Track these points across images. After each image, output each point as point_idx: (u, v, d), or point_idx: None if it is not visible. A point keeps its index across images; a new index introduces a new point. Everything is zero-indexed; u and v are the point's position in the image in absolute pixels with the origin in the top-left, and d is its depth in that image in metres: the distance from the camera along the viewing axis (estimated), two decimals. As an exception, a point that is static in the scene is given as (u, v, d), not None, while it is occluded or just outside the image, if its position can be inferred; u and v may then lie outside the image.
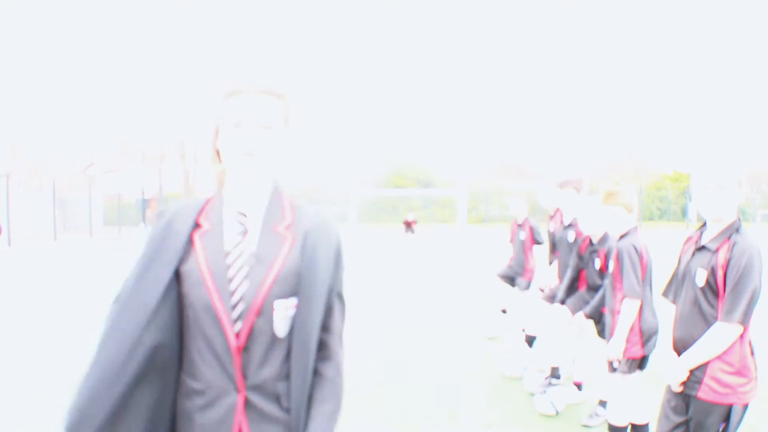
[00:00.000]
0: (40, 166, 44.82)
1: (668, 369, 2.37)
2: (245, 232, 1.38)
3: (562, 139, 67.60)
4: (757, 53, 65.68)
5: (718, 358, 2.25)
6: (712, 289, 2.28)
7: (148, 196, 36.64)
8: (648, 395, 4.33)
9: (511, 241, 6.48)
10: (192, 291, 1.34)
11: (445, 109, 76.32)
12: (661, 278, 2.93)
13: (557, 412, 4.11)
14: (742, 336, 2.25)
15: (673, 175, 38.44)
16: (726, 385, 2.24)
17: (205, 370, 1.35)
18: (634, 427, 3.32)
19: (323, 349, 1.45)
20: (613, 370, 3.25)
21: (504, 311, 6.86)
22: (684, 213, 33.99)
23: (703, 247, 2.34)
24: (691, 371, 2.30)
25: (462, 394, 4.60)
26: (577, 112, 71.29)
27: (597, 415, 3.98)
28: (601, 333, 4.06)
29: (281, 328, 1.37)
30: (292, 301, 1.37)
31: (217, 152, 1.44)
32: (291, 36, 76.64)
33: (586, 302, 4.20)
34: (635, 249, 3.18)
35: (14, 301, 9.12)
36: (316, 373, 1.43)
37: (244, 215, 1.40)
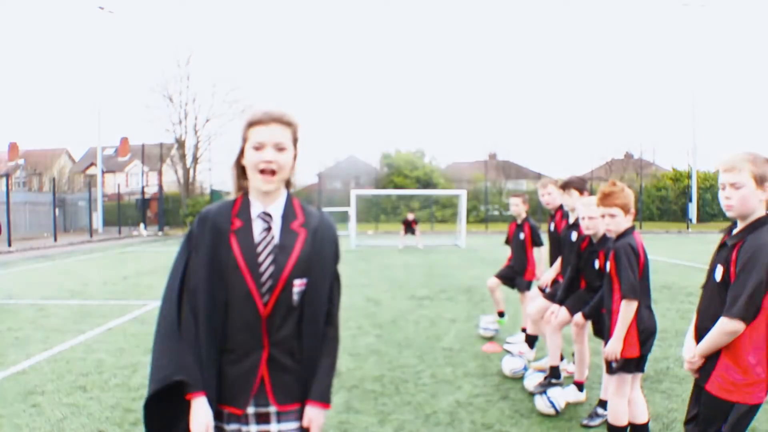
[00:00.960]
0: (40, 166, 44.73)
1: (684, 353, 2.45)
2: (269, 229, 1.79)
3: (562, 139, 67.53)
4: (757, 53, 65.60)
5: (726, 354, 2.27)
6: (726, 284, 2.29)
7: (148, 196, 36.61)
8: (648, 395, 4.33)
9: (508, 241, 6.47)
10: (230, 274, 1.74)
11: (446, 109, 76.25)
12: (659, 278, 2.94)
13: (557, 412, 4.11)
14: (750, 334, 2.23)
15: (673, 174, 38.35)
16: (730, 382, 2.25)
17: (237, 333, 1.76)
18: (633, 427, 3.32)
19: (327, 316, 1.86)
20: (612, 370, 3.25)
21: (502, 312, 6.86)
22: (684, 213, 33.93)
23: (725, 244, 2.36)
24: (705, 362, 2.34)
25: (462, 394, 4.59)
26: (578, 112, 71.22)
27: (597, 415, 3.98)
28: (599, 333, 4.05)
29: (295, 300, 1.79)
30: (303, 280, 1.79)
31: (242, 168, 1.82)
32: (291, 36, 76.50)
33: (586, 302, 4.19)
34: (632, 249, 3.18)
35: (14, 302, 9.11)
36: (322, 335, 1.84)
37: (269, 215, 1.80)
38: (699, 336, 2.40)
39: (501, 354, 5.61)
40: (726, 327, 2.23)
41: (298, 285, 1.78)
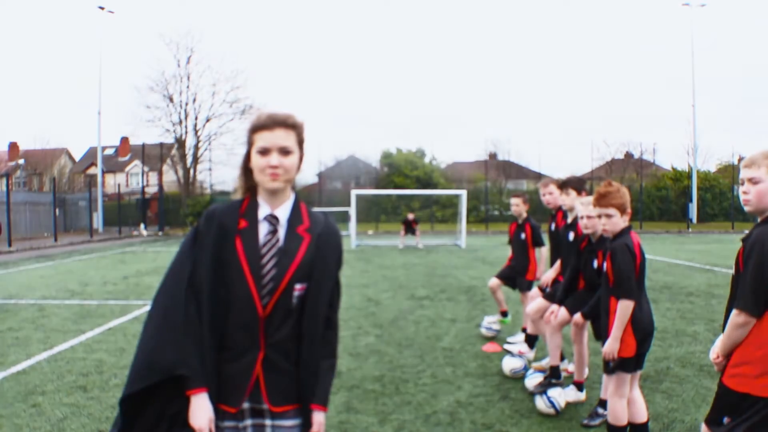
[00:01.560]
0: (40, 166, 44.72)
1: (711, 354, 2.47)
2: (275, 232, 1.81)
3: (562, 139, 67.56)
4: (757, 53, 65.57)
5: (740, 347, 2.28)
6: (739, 278, 2.31)
7: (148, 196, 36.60)
8: (648, 395, 4.33)
9: (510, 242, 6.47)
10: (233, 274, 1.76)
11: (446, 108, 76.28)
12: (659, 278, 2.94)
13: (557, 412, 4.11)
14: (761, 326, 2.22)
15: (673, 174, 38.30)
16: (742, 375, 2.25)
17: (235, 332, 1.77)
18: (633, 426, 3.33)
19: (326, 320, 1.88)
20: (609, 369, 3.25)
21: (505, 312, 6.87)
22: (684, 213, 33.92)
23: (742, 241, 2.38)
24: (725, 357, 2.35)
25: (462, 394, 4.60)
26: (578, 112, 71.25)
27: (597, 414, 3.98)
28: (598, 333, 4.05)
29: (294, 303, 1.81)
30: (303, 285, 1.81)
31: (249, 170, 1.84)
32: (291, 35, 76.51)
33: (585, 302, 4.20)
34: (628, 249, 3.18)
35: (14, 302, 9.11)
36: (322, 338, 1.85)
37: (275, 218, 1.82)
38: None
39: (501, 354, 5.61)
40: (735, 320, 2.26)
41: (298, 289, 1.80)
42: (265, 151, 1.77)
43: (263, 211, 1.82)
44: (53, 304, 8.84)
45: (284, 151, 1.77)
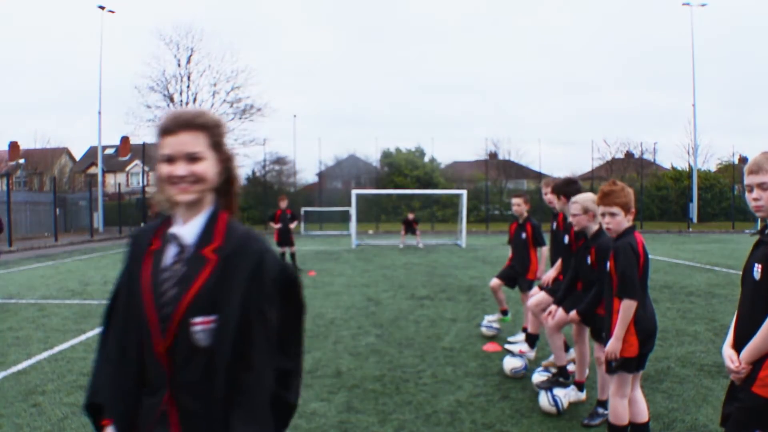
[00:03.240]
0: (41, 166, 44.72)
1: (728, 363, 2.30)
2: (182, 252, 1.54)
3: (562, 139, 67.51)
4: (758, 52, 65.52)
5: None
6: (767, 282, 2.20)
7: (148, 195, 36.60)
8: (648, 395, 4.33)
9: (510, 241, 6.48)
10: (136, 302, 1.54)
11: (446, 108, 76.22)
12: (659, 278, 2.94)
13: (559, 412, 4.11)
14: None
15: (673, 174, 38.29)
16: None
17: (148, 366, 1.54)
18: (634, 426, 3.33)
19: (243, 360, 1.50)
20: (612, 369, 3.25)
21: (505, 310, 6.87)
22: (685, 213, 33.92)
23: (760, 242, 2.29)
24: (753, 366, 2.20)
25: (462, 394, 4.60)
26: (578, 112, 71.20)
27: (598, 414, 3.98)
28: (595, 334, 4.03)
29: (200, 340, 1.48)
30: (211, 317, 1.48)
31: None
32: (291, 34, 76.49)
33: (582, 301, 4.19)
34: (632, 249, 3.18)
35: (14, 301, 9.11)
36: (236, 383, 1.49)
37: (178, 237, 1.54)
38: (738, 342, 2.29)
39: (501, 354, 5.61)
40: None
41: (201, 323, 1.48)
42: (170, 159, 1.51)
43: (174, 228, 1.56)
44: (54, 303, 8.84)
45: (191, 158, 1.50)
